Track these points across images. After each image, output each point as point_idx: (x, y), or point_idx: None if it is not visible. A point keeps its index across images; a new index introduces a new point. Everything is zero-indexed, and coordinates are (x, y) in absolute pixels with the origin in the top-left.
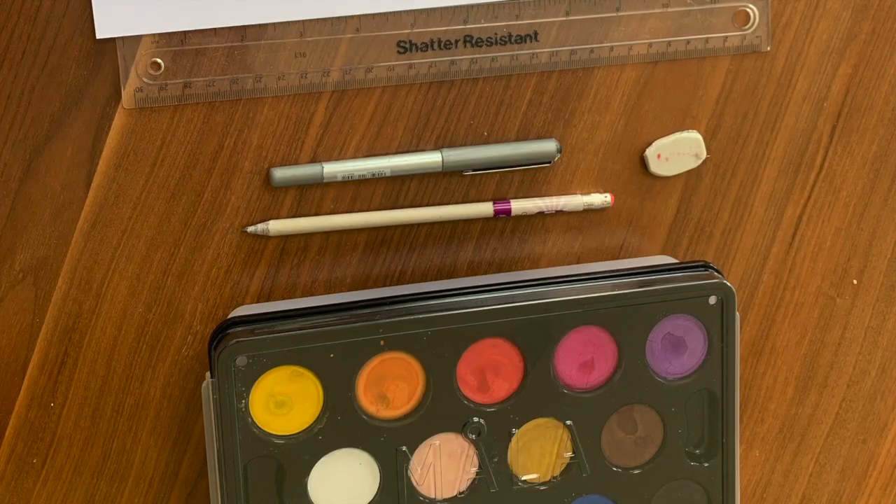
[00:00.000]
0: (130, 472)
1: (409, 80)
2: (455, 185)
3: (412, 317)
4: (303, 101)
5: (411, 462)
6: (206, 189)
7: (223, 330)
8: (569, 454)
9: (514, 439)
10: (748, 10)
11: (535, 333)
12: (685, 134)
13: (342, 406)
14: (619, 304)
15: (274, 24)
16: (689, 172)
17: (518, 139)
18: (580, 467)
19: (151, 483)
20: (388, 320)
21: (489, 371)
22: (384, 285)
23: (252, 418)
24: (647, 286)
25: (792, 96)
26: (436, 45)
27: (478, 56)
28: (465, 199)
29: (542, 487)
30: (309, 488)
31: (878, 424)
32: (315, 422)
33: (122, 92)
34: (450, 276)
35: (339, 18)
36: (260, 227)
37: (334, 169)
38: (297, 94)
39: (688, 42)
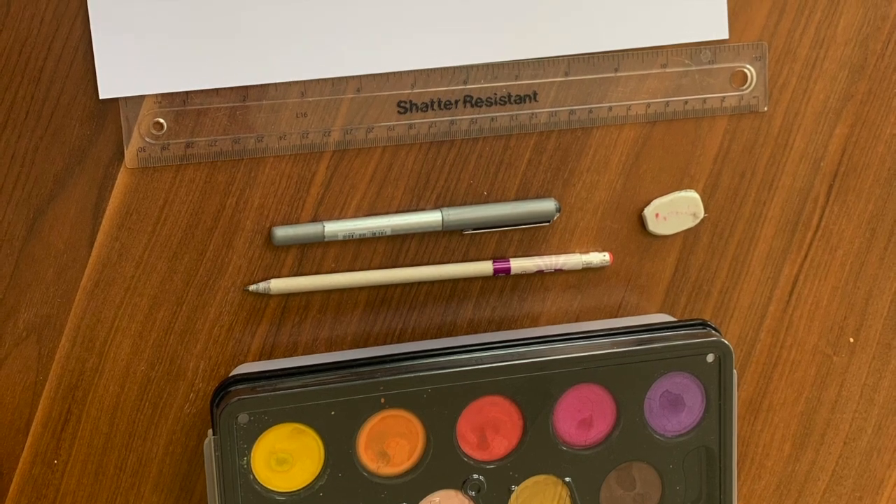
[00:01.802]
0: None
1: (410, 139)
2: (455, 244)
3: (412, 374)
4: (304, 161)
5: None
6: (208, 248)
7: (225, 387)
8: None
9: (513, 496)
10: (745, 70)
11: (534, 391)
12: (683, 193)
13: (343, 463)
14: (618, 361)
15: (275, 84)
16: (686, 231)
17: (517, 198)
18: None
19: None
20: (388, 378)
21: (489, 428)
22: (385, 343)
23: (254, 475)
24: (646, 344)
25: (789, 156)
26: (436, 105)
27: (477, 116)
28: (465, 258)
29: None
30: None
31: (875, 482)
32: (316, 479)
33: (125, 151)
34: (450, 334)
35: (339, 79)
36: (261, 285)
37: (335, 228)
38: (299, 153)
39: (686, 102)
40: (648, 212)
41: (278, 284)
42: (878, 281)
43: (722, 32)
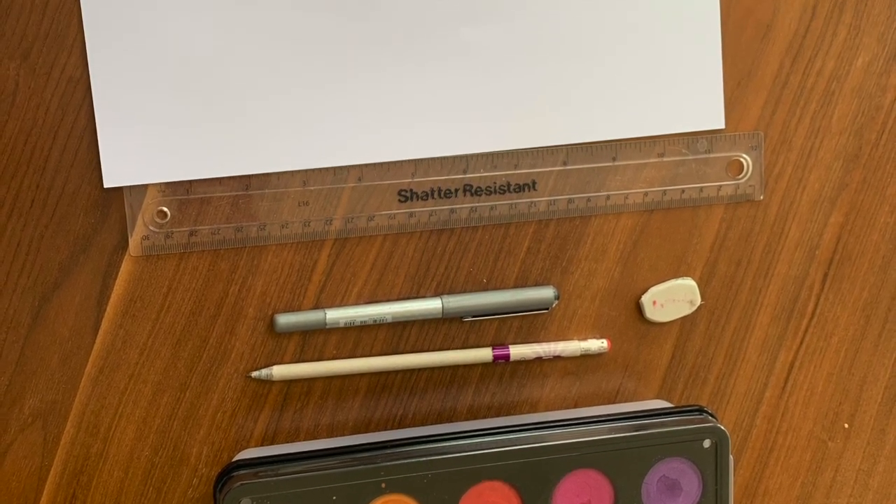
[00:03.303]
0: None
1: (410, 228)
2: (455, 331)
3: (413, 459)
4: (306, 249)
5: None
6: (211, 335)
7: (228, 473)
8: None
9: None
10: (742, 160)
11: (533, 476)
12: (680, 281)
13: None
14: (616, 447)
15: (277, 173)
16: (683, 318)
17: (516, 286)
18: None
19: None
20: (389, 463)
21: None
22: (385, 429)
23: None
24: (643, 430)
25: (784, 244)
26: (436, 194)
27: (477, 204)
28: (465, 345)
29: None
30: None
31: None
32: None
33: (129, 240)
34: (450, 419)
35: (341, 168)
36: (264, 372)
37: (337, 315)
38: (301, 241)
39: (683, 191)
40: (646, 299)
41: (280, 371)
42: (872, 367)
43: (718, 122)
